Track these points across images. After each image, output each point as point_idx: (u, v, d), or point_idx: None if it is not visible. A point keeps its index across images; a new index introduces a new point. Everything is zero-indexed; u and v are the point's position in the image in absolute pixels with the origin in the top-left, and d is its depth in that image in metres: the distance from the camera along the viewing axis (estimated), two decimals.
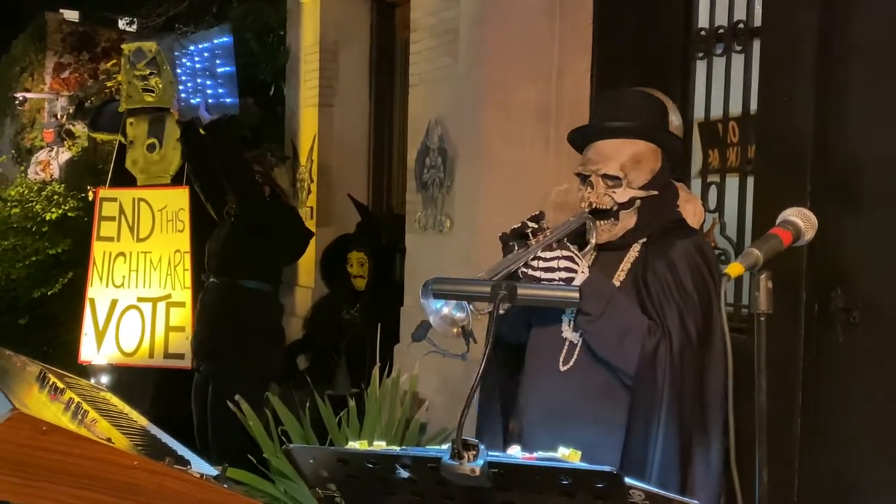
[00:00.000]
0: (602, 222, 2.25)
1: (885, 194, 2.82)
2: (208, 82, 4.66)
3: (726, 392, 1.68)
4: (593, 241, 2.25)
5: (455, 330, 2.04)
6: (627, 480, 1.38)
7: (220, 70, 4.68)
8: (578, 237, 2.26)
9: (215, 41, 4.75)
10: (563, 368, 2.22)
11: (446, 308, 2.02)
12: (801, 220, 1.75)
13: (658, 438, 2.09)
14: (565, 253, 2.13)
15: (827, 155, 2.95)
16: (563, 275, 2.11)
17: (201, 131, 4.81)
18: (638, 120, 2.28)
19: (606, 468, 1.37)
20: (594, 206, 2.23)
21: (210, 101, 4.60)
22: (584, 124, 2.37)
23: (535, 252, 2.12)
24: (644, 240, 2.26)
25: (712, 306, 2.14)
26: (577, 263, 2.14)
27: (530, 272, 2.13)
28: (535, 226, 2.16)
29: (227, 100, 4.65)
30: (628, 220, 2.25)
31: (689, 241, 2.25)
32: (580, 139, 2.35)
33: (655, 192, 2.26)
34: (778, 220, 1.76)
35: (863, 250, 2.87)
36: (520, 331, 2.33)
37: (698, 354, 2.12)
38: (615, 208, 2.24)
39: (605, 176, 2.24)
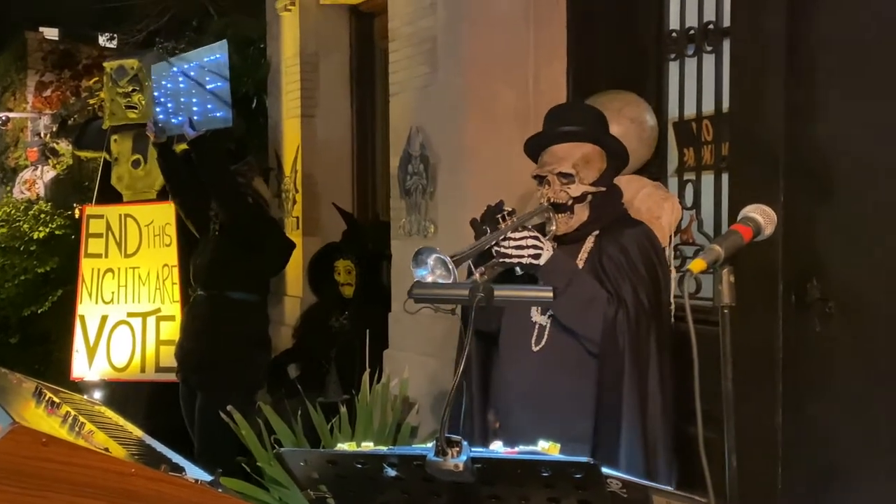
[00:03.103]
0: (560, 216, 2.54)
1: (855, 186, 2.89)
2: (194, 99, 4.68)
3: (682, 373, 1.79)
4: (553, 229, 2.53)
5: None
6: (604, 470, 1.44)
7: (209, 87, 4.71)
8: (540, 230, 2.52)
9: (206, 59, 4.77)
10: (535, 349, 2.50)
11: (430, 277, 2.28)
12: (760, 216, 1.82)
13: (624, 399, 2.37)
14: (532, 233, 2.43)
15: (799, 150, 3.01)
16: (532, 251, 2.40)
17: (183, 146, 4.85)
18: (584, 126, 2.60)
19: (584, 459, 1.43)
20: (552, 201, 2.53)
21: (195, 117, 4.62)
22: (538, 132, 2.68)
23: (505, 233, 2.40)
24: (597, 232, 2.55)
25: (660, 286, 2.46)
26: (542, 243, 2.43)
27: (502, 250, 2.40)
28: (506, 210, 2.45)
29: (217, 114, 4.68)
30: (582, 213, 2.55)
31: (637, 229, 2.56)
32: (535, 146, 2.65)
33: (604, 189, 2.56)
34: (739, 217, 1.83)
35: (836, 242, 2.94)
36: (493, 320, 2.58)
37: (652, 321, 2.42)
38: (570, 202, 2.53)
39: (560, 174, 2.53)
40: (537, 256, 2.39)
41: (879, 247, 2.80)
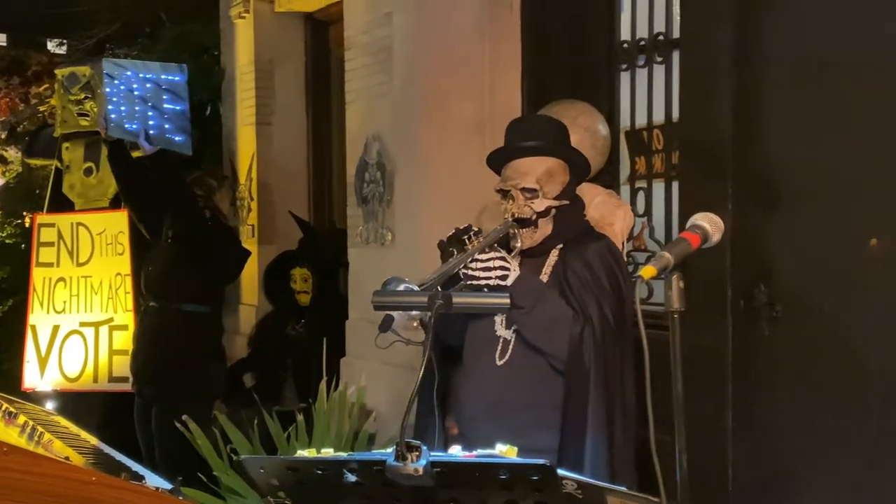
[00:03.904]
0: (524, 230, 2.55)
1: (800, 194, 2.97)
2: (150, 112, 4.67)
3: (642, 381, 1.82)
4: (518, 245, 2.55)
5: (415, 324, 2.31)
6: (560, 472, 1.48)
7: (167, 105, 4.70)
8: (504, 244, 2.55)
9: (164, 76, 4.77)
10: (499, 363, 2.51)
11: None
12: (708, 223, 1.88)
13: (589, 417, 2.39)
14: (498, 254, 2.44)
15: (746, 158, 3.09)
16: (499, 272, 2.41)
17: (138, 154, 4.82)
18: (547, 140, 2.60)
19: (540, 461, 1.47)
20: (516, 216, 2.54)
21: (152, 132, 4.60)
22: (501, 146, 2.67)
23: (472, 255, 2.41)
24: (561, 245, 2.57)
25: (624, 300, 2.48)
26: (509, 263, 2.44)
27: (470, 272, 2.41)
28: (472, 232, 2.46)
29: (176, 137, 4.67)
30: (546, 227, 2.57)
31: (601, 243, 2.59)
32: (498, 160, 2.64)
33: (567, 202, 2.58)
34: (687, 225, 1.89)
35: (782, 248, 3.01)
36: (457, 332, 2.59)
37: (617, 336, 2.45)
38: (534, 217, 2.54)
39: (523, 189, 2.54)
40: (504, 278, 2.41)
41: (824, 252, 2.88)
